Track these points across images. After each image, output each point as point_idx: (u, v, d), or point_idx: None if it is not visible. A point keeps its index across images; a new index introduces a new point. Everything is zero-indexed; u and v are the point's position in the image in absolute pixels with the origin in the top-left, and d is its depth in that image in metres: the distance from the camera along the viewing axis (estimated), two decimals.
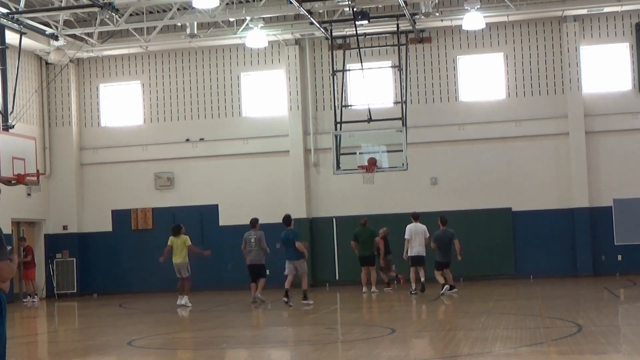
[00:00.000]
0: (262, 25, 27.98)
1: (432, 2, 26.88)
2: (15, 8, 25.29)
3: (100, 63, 31.43)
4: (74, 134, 31.21)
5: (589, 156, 28.52)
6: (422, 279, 23.50)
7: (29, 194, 29.06)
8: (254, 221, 23.57)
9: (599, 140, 28.65)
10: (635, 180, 28.25)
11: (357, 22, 26.43)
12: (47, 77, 30.61)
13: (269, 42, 29.13)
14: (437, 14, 27.61)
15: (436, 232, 23.62)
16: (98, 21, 27.38)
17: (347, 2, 26.18)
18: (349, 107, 28.24)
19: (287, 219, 22.62)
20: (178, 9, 27.69)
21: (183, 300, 22.97)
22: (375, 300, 23.38)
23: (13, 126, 25.63)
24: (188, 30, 28.18)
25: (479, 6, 26.77)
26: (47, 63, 30.12)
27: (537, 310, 18.81)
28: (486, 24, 27.88)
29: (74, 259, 30.63)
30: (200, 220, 30.31)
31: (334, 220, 29.26)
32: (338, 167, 26.16)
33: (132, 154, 30.99)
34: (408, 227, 23.86)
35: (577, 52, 28.74)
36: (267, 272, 23.61)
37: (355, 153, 26.11)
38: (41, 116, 30.96)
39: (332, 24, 27.61)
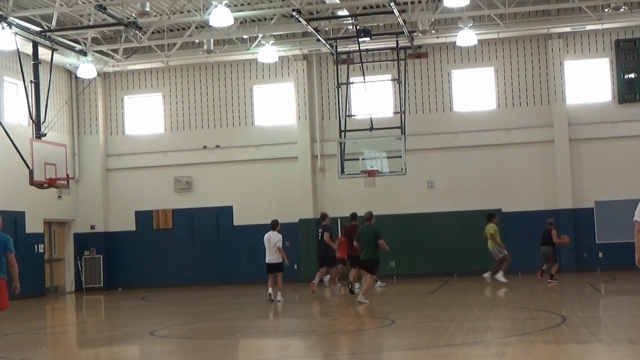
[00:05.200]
0: (273, 42, 28.02)
1: (428, 21, 26.88)
2: (48, 26, 25.38)
3: (124, 77, 31.48)
4: (100, 142, 31.25)
5: (573, 162, 28.50)
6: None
7: (59, 197, 29.11)
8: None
9: (581, 148, 28.62)
10: (615, 183, 28.22)
11: (359, 39, 26.46)
12: (77, 89, 30.68)
13: (279, 57, 29.17)
14: (433, 31, 27.63)
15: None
16: (123, 38, 27.49)
17: (350, 21, 26.22)
18: (353, 117, 28.27)
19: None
20: (196, 27, 27.75)
21: None
22: (376, 294, 23.30)
23: (45, 134, 25.67)
24: (205, 47, 28.23)
25: (471, 24, 26.80)
26: (76, 77, 30.17)
27: (525, 303, 18.77)
28: (478, 40, 27.90)
29: (101, 256, 30.67)
30: (216, 220, 30.35)
31: (339, 220, 29.18)
32: (342, 171, 26.16)
33: (154, 160, 31.02)
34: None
35: (562, 67, 28.72)
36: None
37: (358, 159, 26.13)
38: (71, 125, 31.01)
39: (337, 40, 27.62)
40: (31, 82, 25.74)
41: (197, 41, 28.65)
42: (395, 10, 23.64)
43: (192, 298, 24.74)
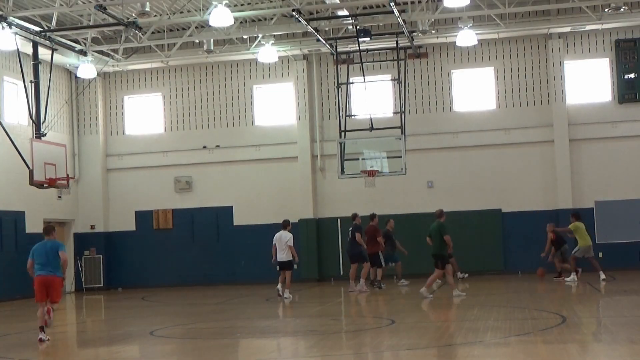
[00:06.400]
0: (273, 41, 28.03)
1: (428, 21, 26.90)
2: (48, 26, 25.39)
3: (124, 77, 31.49)
4: (100, 142, 31.26)
5: (573, 162, 28.51)
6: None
7: (59, 197, 29.11)
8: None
9: (581, 147, 28.64)
10: (614, 183, 28.25)
11: (359, 39, 26.46)
12: (76, 89, 30.69)
13: (279, 57, 29.18)
14: (433, 31, 27.65)
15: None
16: (123, 38, 27.49)
17: (350, 21, 26.24)
18: (353, 117, 28.28)
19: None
20: (196, 27, 27.76)
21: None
22: (375, 293, 23.29)
23: (45, 134, 25.68)
24: (205, 47, 28.25)
25: (471, 24, 26.81)
26: (76, 77, 30.17)
27: (525, 303, 18.77)
28: (478, 40, 27.91)
29: (101, 256, 30.67)
30: (216, 220, 30.35)
31: (339, 220, 29.24)
32: (342, 171, 26.18)
33: (154, 160, 31.03)
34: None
35: (562, 67, 28.73)
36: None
37: (358, 159, 26.13)
38: (71, 125, 31.01)
39: (337, 40, 27.63)
40: (31, 82, 25.75)
41: (197, 41, 28.65)
42: (395, 10, 23.65)
43: (192, 298, 24.74)
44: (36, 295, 14.83)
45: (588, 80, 28.97)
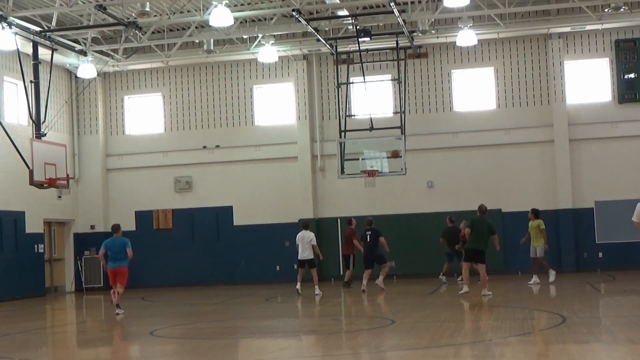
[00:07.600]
0: (273, 41, 28.04)
1: (428, 21, 26.90)
2: (48, 26, 25.39)
3: (124, 77, 31.49)
4: (100, 142, 31.26)
5: (573, 162, 28.52)
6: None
7: (59, 197, 29.12)
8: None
9: (581, 147, 28.64)
10: (614, 183, 28.25)
11: (359, 39, 26.48)
12: (76, 89, 30.69)
13: (279, 57, 29.18)
14: (433, 31, 27.65)
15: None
16: (123, 38, 27.50)
17: (350, 21, 26.24)
18: (352, 117, 28.29)
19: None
20: (196, 27, 27.77)
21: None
22: (376, 293, 23.28)
23: (45, 134, 25.67)
24: (205, 47, 28.25)
25: (471, 24, 26.82)
26: (76, 77, 30.17)
27: (525, 303, 18.77)
28: (478, 40, 27.91)
29: None
30: (216, 220, 30.35)
31: (339, 220, 29.23)
32: (342, 171, 26.18)
33: (154, 160, 31.03)
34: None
35: (562, 67, 28.74)
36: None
37: (358, 159, 26.14)
38: (71, 125, 31.01)
39: (337, 40, 27.63)
40: (31, 82, 25.74)
41: (197, 41, 28.65)
42: (395, 10, 23.64)
43: (192, 298, 24.74)
44: (110, 280, 19.57)
45: (588, 80, 28.98)
